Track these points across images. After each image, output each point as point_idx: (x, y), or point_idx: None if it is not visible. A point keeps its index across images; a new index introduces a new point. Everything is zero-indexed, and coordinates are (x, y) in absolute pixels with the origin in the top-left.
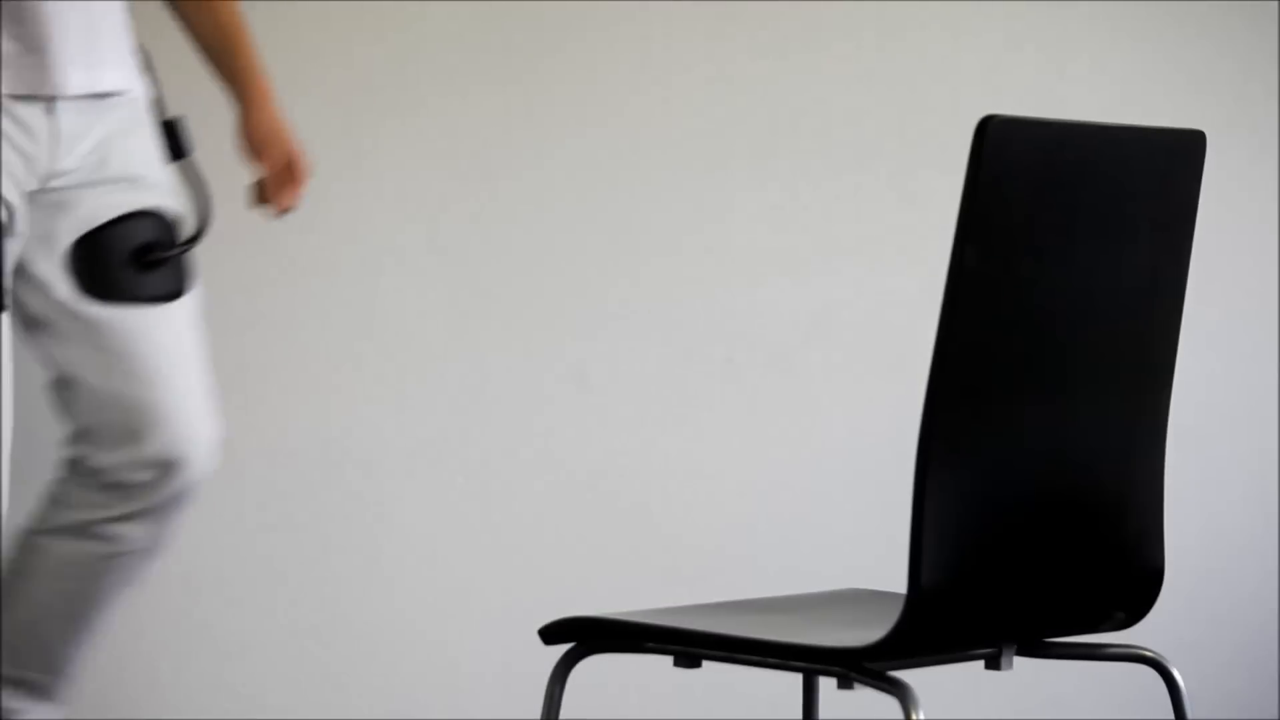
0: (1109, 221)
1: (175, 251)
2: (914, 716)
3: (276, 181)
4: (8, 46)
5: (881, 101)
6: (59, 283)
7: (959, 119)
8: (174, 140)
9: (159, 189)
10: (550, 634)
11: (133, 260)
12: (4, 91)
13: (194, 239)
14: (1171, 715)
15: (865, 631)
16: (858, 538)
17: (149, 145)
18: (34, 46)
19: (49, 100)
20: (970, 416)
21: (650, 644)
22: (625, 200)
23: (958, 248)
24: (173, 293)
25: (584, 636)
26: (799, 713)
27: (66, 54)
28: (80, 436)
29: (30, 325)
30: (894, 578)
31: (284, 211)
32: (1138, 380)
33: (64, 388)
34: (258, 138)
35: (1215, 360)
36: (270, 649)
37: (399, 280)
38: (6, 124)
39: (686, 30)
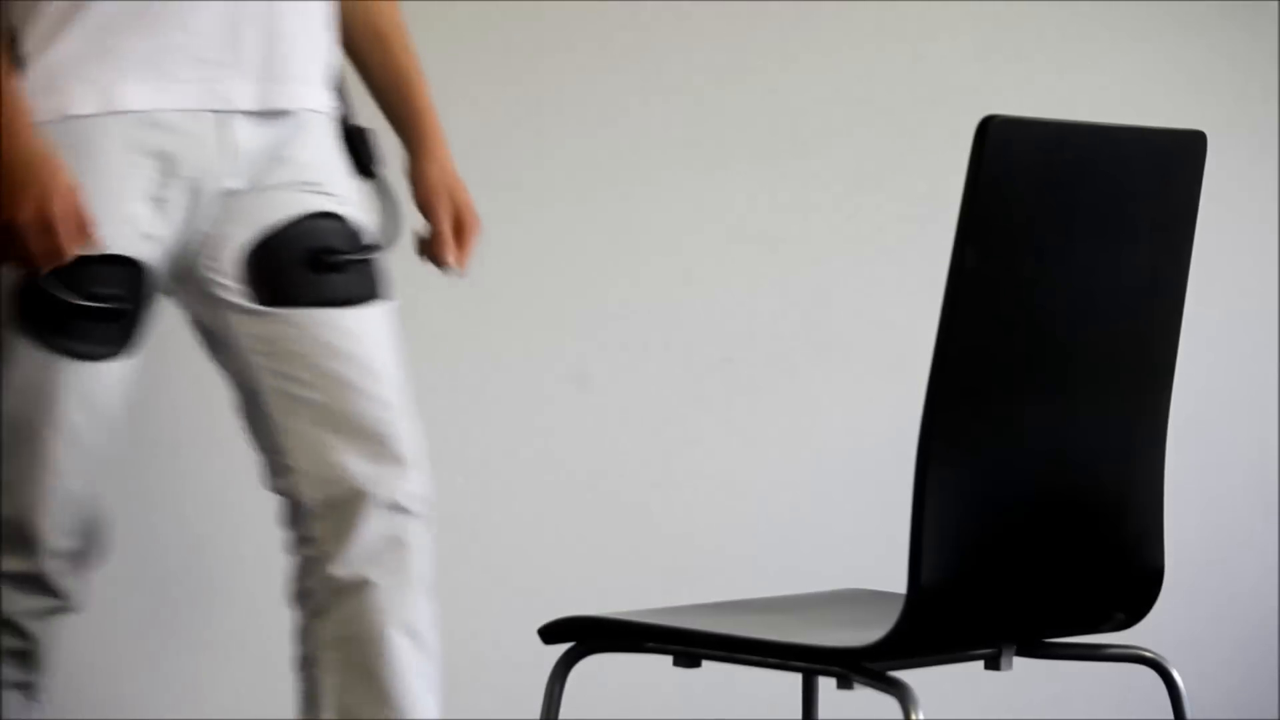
0: (1109, 221)
1: (356, 255)
2: (913, 716)
3: (446, 238)
4: (175, 57)
5: (882, 102)
6: (233, 293)
7: (959, 119)
8: (362, 152)
9: (339, 197)
10: (550, 633)
11: (309, 262)
12: (171, 105)
13: (378, 246)
14: (1171, 716)
15: (865, 631)
16: (857, 537)
17: (331, 157)
18: (208, 59)
19: (221, 114)
20: (970, 416)
21: (650, 644)
22: (625, 200)
23: (958, 248)
24: (356, 297)
25: (583, 636)
26: (799, 713)
27: (242, 67)
28: (279, 471)
29: (212, 343)
30: (894, 578)
31: (452, 270)
32: (1138, 380)
33: (250, 404)
34: (428, 188)
35: (1215, 360)
36: (270, 648)
37: (399, 280)
38: (166, 139)
39: (687, 30)
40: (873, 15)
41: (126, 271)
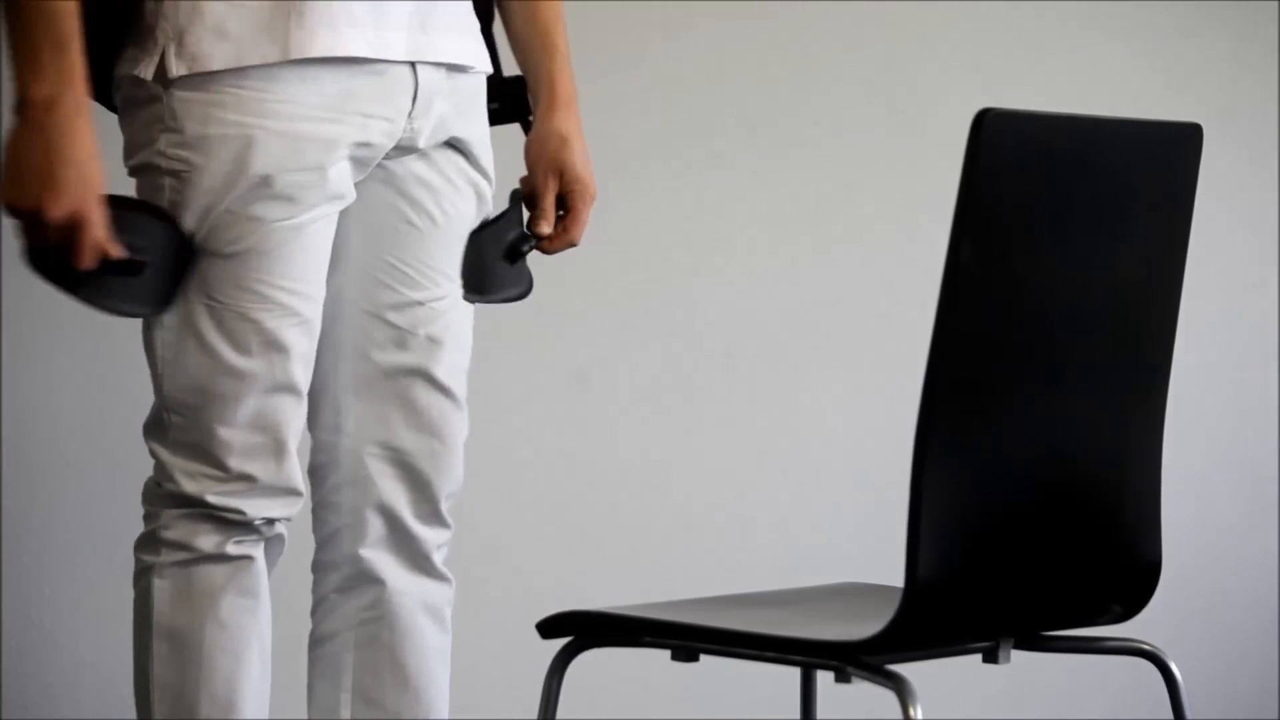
0: (1105, 214)
1: (534, 244)
2: (911, 710)
3: (544, 210)
4: (360, 8)
5: (877, 95)
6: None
7: (955, 112)
8: (517, 100)
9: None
10: (548, 628)
11: (509, 254)
12: (366, 53)
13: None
14: (1169, 709)
15: (863, 625)
16: (855, 531)
17: (485, 128)
18: (389, 8)
19: (406, 65)
20: (967, 410)
21: (648, 638)
22: (625, 196)
23: (954, 241)
24: (525, 291)
25: (581, 630)
26: (797, 706)
27: (423, 19)
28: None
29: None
30: (891, 571)
31: (553, 248)
32: (1135, 373)
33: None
34: (533, 154)
35: (1212, 353)
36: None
37: None
38: (354, 87)
39: (685, 28)
40: (868, 10)
41: (154, 224)
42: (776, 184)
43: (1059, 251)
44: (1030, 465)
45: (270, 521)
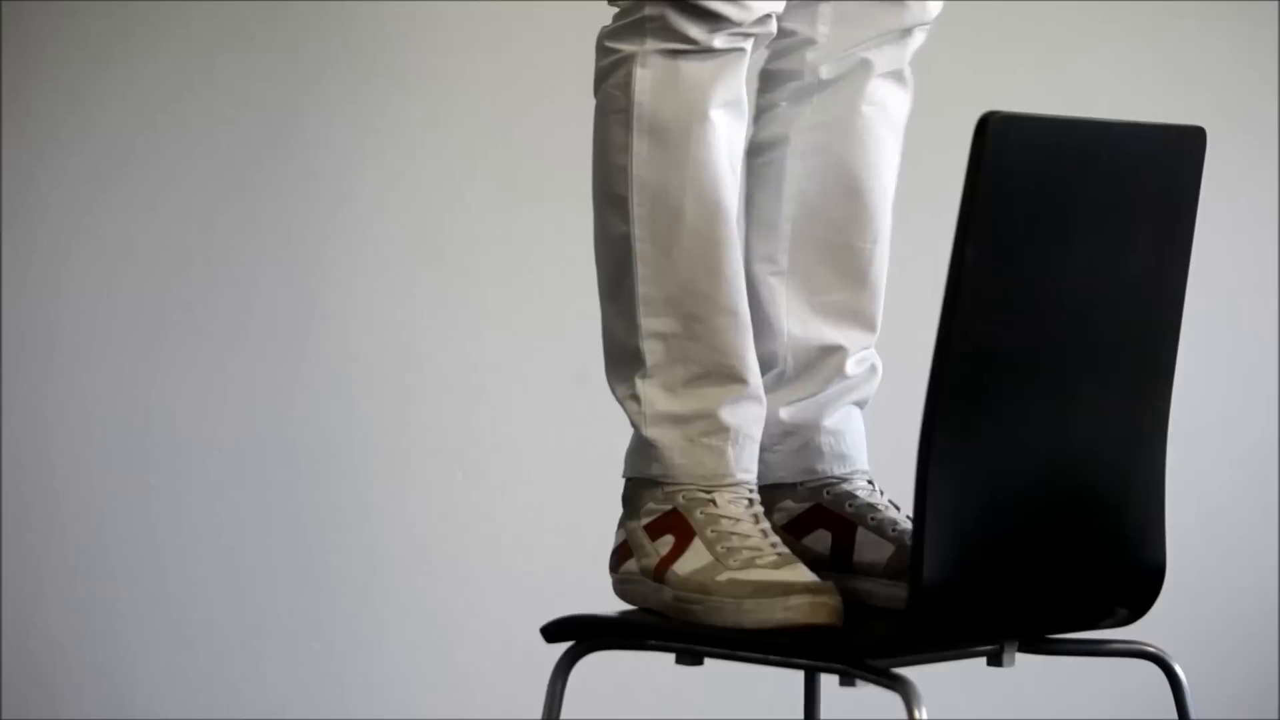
0: (1109, 217)
1: None
2: (917, 712)
3: None
4: None
5: None
6: None
7: (959, 115)
8: None
9: None
10: (551, 632)
11: None
12: None
13: None
14: (1174, 711)
15: (868, 628)
16: None
17: None
18: None
19: None
20: (971, 413)
21: (652, 642)
22: None
23: (958, 244)
24: None
25: (585, 634)
26: (800, 709)
27: None
28: None
29: None
30: None
31: None
32: (1139, 375)
33: None
34: None
35: (1216, 355)
36: (269, 647)
37: (401, 280)
38: None
39: None
40: None
41: None
42: None
43: (1064, 254)
44: (1036, 468)
45: (764, 18)
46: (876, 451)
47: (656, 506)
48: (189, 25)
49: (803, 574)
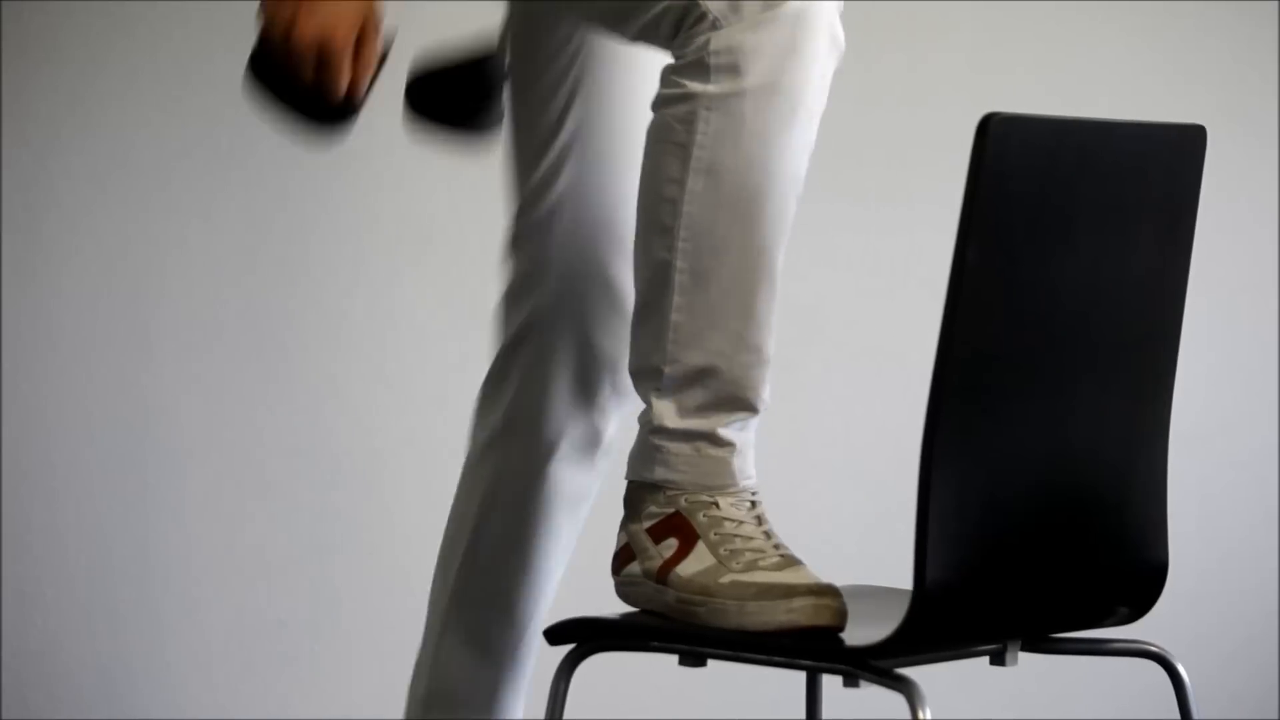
0: (1110, 217)
1: None
2: (921, 713)
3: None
4: None
5: (882, 98)
6: None
7: (960, 116)
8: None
9: None
10: (554, 634)
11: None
12: None
13: None
14: (1176, 710)
15: (871, 629)
16: (861, 534)
17: None
18: None
19: None
20: (973, 413)
21: (655, 643)
22: None
23: (960, 244)
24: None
25: (588, 636)
26: (803, 710)
27: None
28: None
29: None
30: (897, 574)
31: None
32: (1141, 375)
33: None
34: None
35: (1216, 355)
36: (270, 647)
37: (402, 279)
38: None
39: None
40: (871, 13)
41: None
42: None
43: (1065, 254)
44: (1036, 468)
45: None
46: (877, 451)
47: (659, 510)
48: (189, 25)
49: (806, 576)
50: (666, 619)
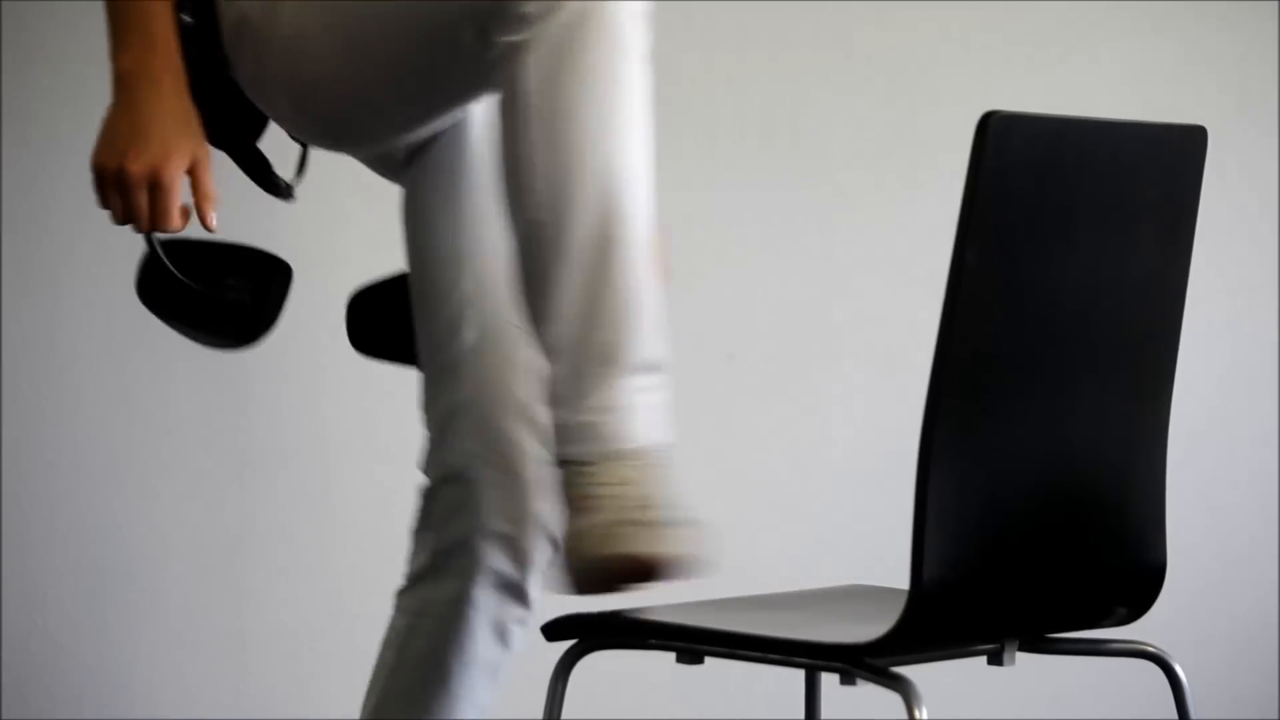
0: (1110, 216)
1: None
2: (917, 712)
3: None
4: None
5: (882, 97)
6: None
7: (960, 115)
8: None
9: None
10: (553, 631)
11: None
12: None
13: None
14: (1174, 710)
15: (868, 627)
16: (859, 534)
17: None
18: None
19: None
20: (972, 412)
21: (653, 640)
22: None
23: (959, 244)
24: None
25: (586, 633)
26: (801, 708)
27: None
28: None
29: None
30: (896, 574)
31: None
32: (1140, 375)
33: None
34: None
35: (1216, 354)
36: (269, 647)
37: None
38: None
39: (684, 28)
40: (871, 12)
41: (263, 264)
42: (779, 186)
43: (1064, 253)
44: (1035, 467)
45: None
46: (877, 451)
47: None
48: None
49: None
50: (669, 622)
